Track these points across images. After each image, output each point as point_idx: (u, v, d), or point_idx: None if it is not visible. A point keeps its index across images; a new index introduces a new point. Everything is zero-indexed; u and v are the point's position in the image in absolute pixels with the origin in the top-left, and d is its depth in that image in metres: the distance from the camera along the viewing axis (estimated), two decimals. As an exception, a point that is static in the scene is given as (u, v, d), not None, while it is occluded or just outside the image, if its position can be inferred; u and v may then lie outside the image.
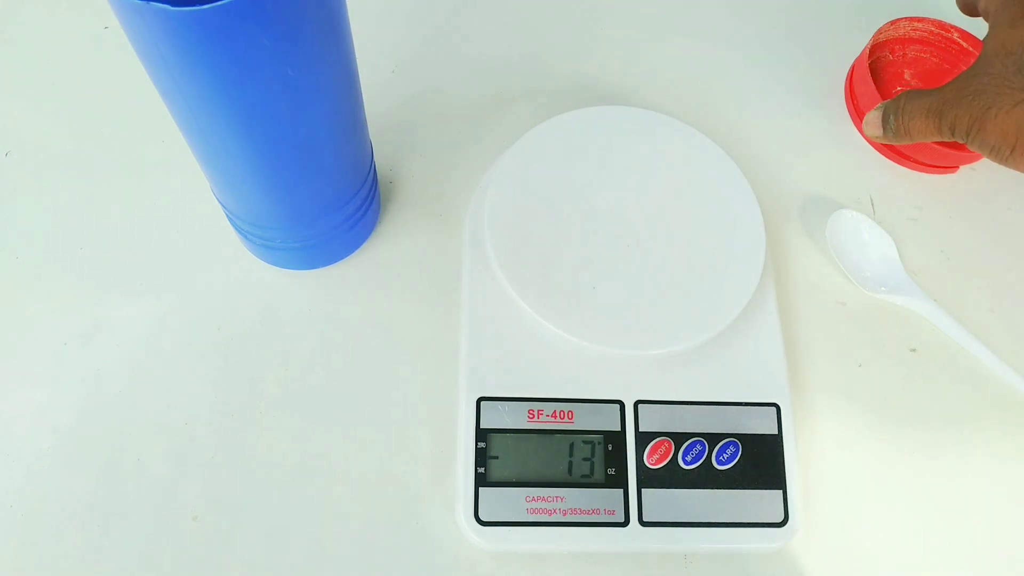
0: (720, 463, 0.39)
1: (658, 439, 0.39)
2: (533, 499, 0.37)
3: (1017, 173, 0.51)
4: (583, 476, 0.38)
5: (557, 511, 0.37)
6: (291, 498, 0.39)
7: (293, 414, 0.41)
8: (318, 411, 0.41)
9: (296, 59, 0.29)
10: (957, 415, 0.43)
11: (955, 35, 0.49)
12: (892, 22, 0.48)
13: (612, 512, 0.38)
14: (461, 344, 0.40)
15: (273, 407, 0.41)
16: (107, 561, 0.37)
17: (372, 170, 0.42)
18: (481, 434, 0.38)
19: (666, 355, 0.39)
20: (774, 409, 0.40)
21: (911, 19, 0.49)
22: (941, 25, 0.49)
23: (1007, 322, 0.46)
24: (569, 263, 0.40)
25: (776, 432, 0.40)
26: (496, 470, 0.38)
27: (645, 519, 0.38)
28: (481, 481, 0.38)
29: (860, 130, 0.49)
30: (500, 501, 0.37)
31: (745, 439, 0.39)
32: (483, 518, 0.37)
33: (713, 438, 0.39)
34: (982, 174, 0.51)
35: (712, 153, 0.44)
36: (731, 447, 0.39)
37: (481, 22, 0.54)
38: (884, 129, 0.45)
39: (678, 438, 0.39)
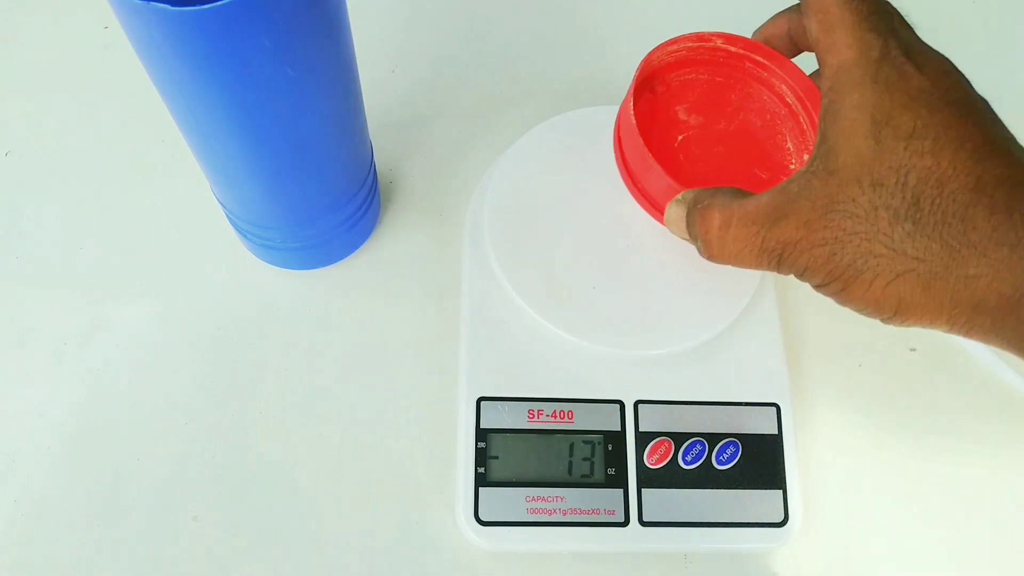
0: (720, 463, 0.39)
1: (658, 439, 0.39)
2: (533, 499, 0.37)
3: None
4: (583, 476, 0.38)
5: (557, 511, 0.37)
6: (291, 498, 0.39)
7: (293, 414, 0.41)
8: (318, 411, 0.41)
9: (296, 59, 0.29)
10: (957, 415, 0.43)
11: (718, 42, 0.40)
12: (646, 57, 0.38)
13: (612, 512, 0.38)
14: (461, 344, 0.40)
15: (273, 407, 0.41)
16: (107, 561, 0.37)
17: (372, 170, 0.42)
18: (481, 434, 0.38)
19: (666, 355, 0.39)
20: (774, 409, 0.40)
21: (663, 45, 0.38)
22: (700, 37, 0.39)
23: (1007, 322, 0.46)
24: (569, 263, 0.40)
25: (776, 432, 0.40)
26: (496, 470, 0.38)
27: (645, 519, 0.38)
28: (481, 481, 0.37)
29: (637, 196, 0.38)
30: (500, 501, 0.37)
31: (745, 439, 0.39)
32: (483, 518, 0.37)
33: (713, 438, 0.39)
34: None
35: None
36: (731, 447, 0.39)
37: (481, 22, 0.54)
38: (692, 241, 0.32)
39: (678, 438, 0.39)
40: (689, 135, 0.39)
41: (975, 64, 0.56)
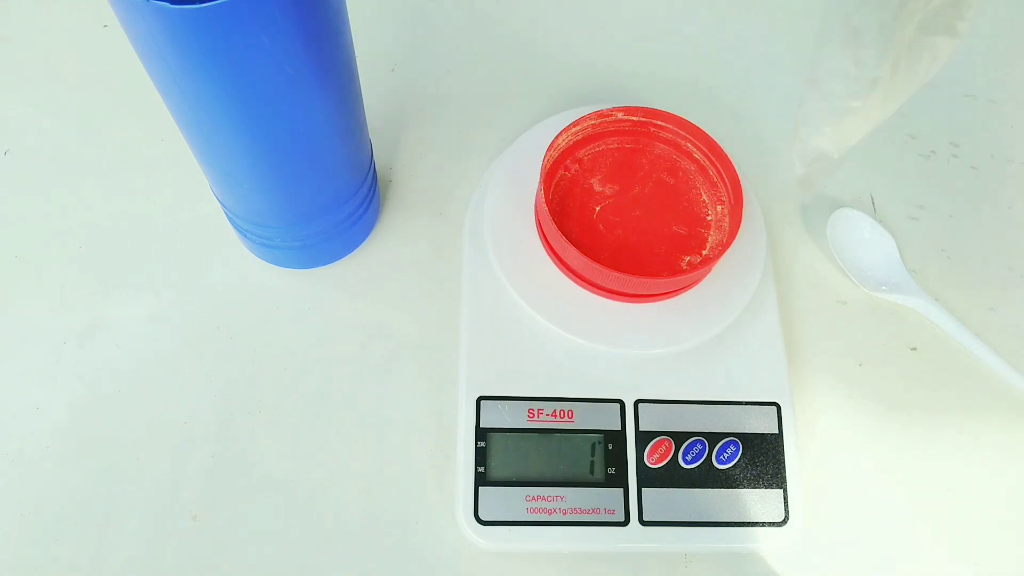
0: (720, 462, 0.39)
1: (658, 438, 0.39)
2: (533, 498, 0.37)
3: (1017, 174, 0.51)
4: (583, 475, 0.38)
5: (557, 510, 0.37)
6: (291, 498, 0.39)
7: (292, 413, 0.41)
8: (317, 410, 0.41)
9: (295, 58, 0.29)
10: (957, 414, 0.43)
11: (619, 115, 0.42)
12: (552, 142, 0.40)
13: (612, 512, 0.37)
14: (461, 344, 0.40)
15: (272, 406, 0.41)
16: (107, 561, 0.37)
17: (371, 169, 0.42)
18: (481, 433, 0.38)
19: (666, 355, 0.39)
20: (774, 408, 0.40)
21: (567, 128, 0.40)
22: (600, 114, 0.41)
23: (1007, 321, 0.46)
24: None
25: (776, 431, 0.40)
26: (496, 469, 0.38)
27: (645, 518, 0.38)
28: (481, 480, 0.37)
29: (563, 271, 0.40)
30: (500, 500, 0.37)
31: (745, 438, 0.39)
32: (483, 517, 0.37)
33: (713, 437, 0.39)
34: (983, 172, 0.51)
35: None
36: (731, 446, 0.39)
37: (481, 21, 0.54)
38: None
39: (678, 437, 0.39)
40: (606, 204, 0.41)
41: (975, 63, 0.57)
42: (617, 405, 0.39)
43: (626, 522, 0.37)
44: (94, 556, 0.37)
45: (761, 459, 0.39)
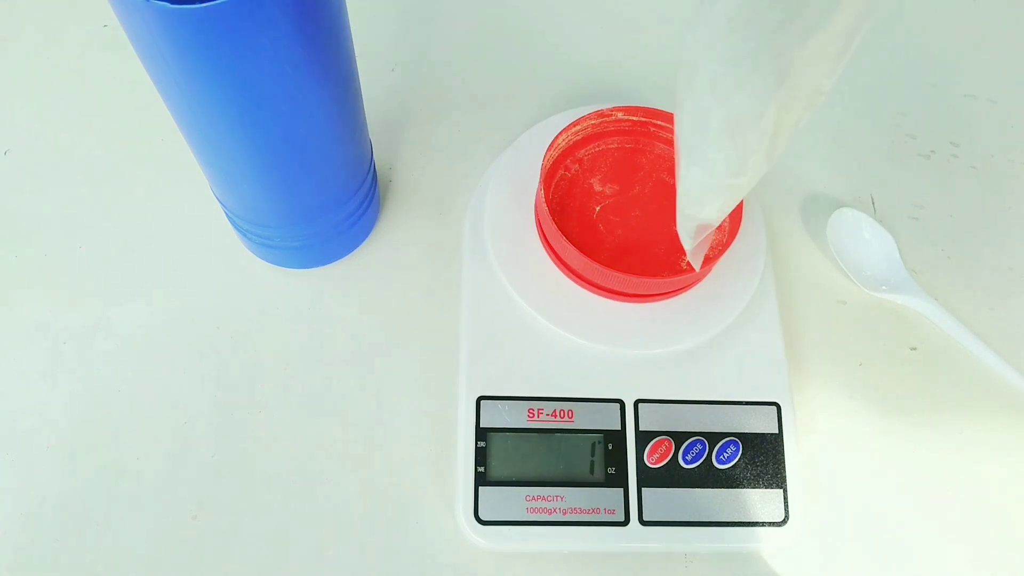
0: (720, 462, 0.39)
1: (658, 438, 0.39)
2: (533, 498, 0.37)
3: (1017, 174, 0.51)
4: (583, 475, 0.38)
5: (557, 510, 0.37)
6: (290, 497, 0.39)
7: (292, 413, 0.41)
8: (317, 410, 0.41)
9: (295, 58, 0.29)
10: (957, 414, 0.43)
11: (619, 115, 0.41)
12: (552, 142, 0.40)
13: (612, 511, 0.37)
14: (461, 344, 0.40)
15: (272, 406, 0.41)
16: (107, 560, 0.37)
17: (371, 169, 0.42)
18: (481, 433, 0.38)
19: (666, 354, 0.39)
20: (774, 408, 0.40)
21: (567, 127, 0.40)
22: (600, 114, 0.41)
23: (1007, 321, 0.46)
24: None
25: (776, 431, 0.40)
26: (496, 469, 0.38)
27: (645, 518, 0.38)
28: (481, 480, 0.37)
29: (563, 270, 0.40)
30: (500, 500, 0.37)
31: (745, 438, 0.39)
32: (483, 517, 0.37)
33: (713, 437, 0.39)
34: (983, 172, 0.51)
35: None
36: (731, 446, 0.39)
37: (481, 21, 0.54)
38: None
39: (678, 437, 0.39)
40: (606, 204, 0.41)
41: (975, 63, 0.57)
42: (617, 405, 0.39)
43: (626, 522, 0.37)
44: (94, 556, 0.37)
45: (761, 459, 0.39)
